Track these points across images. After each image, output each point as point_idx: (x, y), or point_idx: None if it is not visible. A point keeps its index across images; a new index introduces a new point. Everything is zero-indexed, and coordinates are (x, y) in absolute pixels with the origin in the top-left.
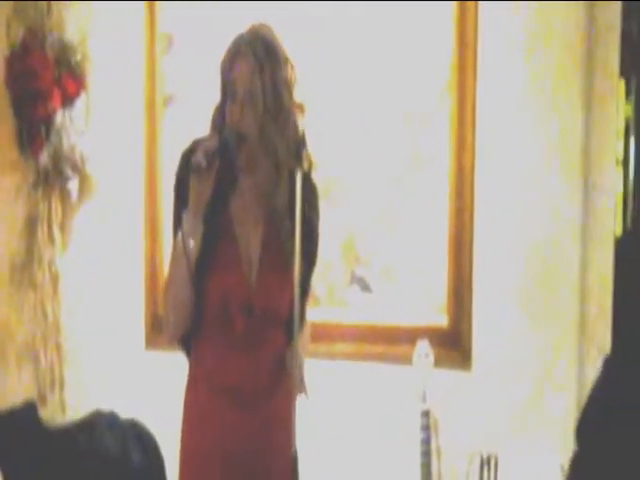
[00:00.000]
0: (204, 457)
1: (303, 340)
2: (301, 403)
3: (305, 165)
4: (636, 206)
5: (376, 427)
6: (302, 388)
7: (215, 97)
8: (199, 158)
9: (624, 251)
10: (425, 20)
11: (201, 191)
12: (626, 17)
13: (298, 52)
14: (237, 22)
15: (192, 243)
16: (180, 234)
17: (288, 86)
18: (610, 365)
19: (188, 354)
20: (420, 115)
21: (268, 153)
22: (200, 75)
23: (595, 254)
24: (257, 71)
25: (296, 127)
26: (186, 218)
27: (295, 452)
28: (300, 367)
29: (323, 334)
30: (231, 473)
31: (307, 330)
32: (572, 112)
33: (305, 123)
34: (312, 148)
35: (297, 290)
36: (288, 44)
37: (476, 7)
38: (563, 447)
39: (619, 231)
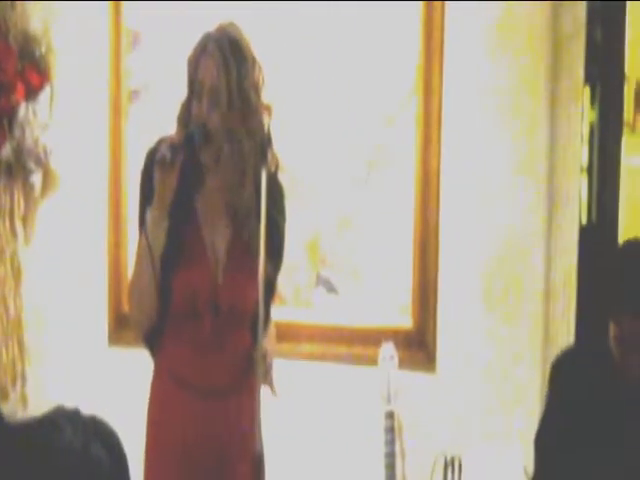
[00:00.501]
0: (167, 450)
1: (269, 339)
2: (265, 403)
3: (271, 165)
4: (599, 211)
5: (340, 428)
6: (271, 387)
7: (181, 93)
8: (164, 151)
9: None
10: (391, 20)
11: (166, 185)
12: (590, 23)
13: (264, 52)
14: (204, 19)
15: (156, 238)
16: (144, 229)
17: (255, 85)
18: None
19: (152, 352)
20: (386, 116)
21: (233, 151)
22: (165, 71)
23: (559, 258)
24: (222, 68)
25: (262, 127)
26: (150, 213)
27: (260, 452)
28: (269, 366)
29: (288, 334)
30: (192, 467)
31: (272, 330)
32: (537, 117)
33: (271, 124)
34: (278, 148)
35: (262, 289)
36: (254, 43)
37: (443, 9)
38: (526, 450)
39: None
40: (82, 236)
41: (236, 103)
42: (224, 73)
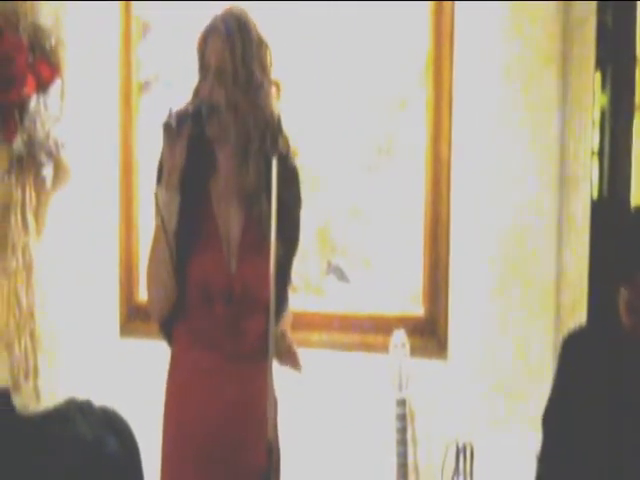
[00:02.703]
0: (184, 437)
1: (286, 325)
2: (278, 391)
3: (282, 148)
4: (610, 193)
5: (352, 416)
6: (296, 366)
7: (191, 84)
8: (169, 118)
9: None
10: (403, 6)
11: (173, 155)
12: (601, 9)
13: (275, 37)
14: (213, 8)
15: (169, 217)
16: (157, 207)
17: (261, 64)
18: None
19: (169, 340)
20: (396, 102)
21: (238, 127)
22: (176, 62)
23: (571, 244)
24: (228, 46)
25: (269, 105)
26: (160, 189)
27: (274, 437)
28: (289, 347)
29: (299, 323)
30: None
31: (289, 317)
32: (548, 101)
33: (281, 103)
34: (289, 134)
35: (273, 275)
36: (265, 28)
37: None
38: (538, 436)
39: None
40: (93, 228)
41: (241, 79)
42: (229, 51)
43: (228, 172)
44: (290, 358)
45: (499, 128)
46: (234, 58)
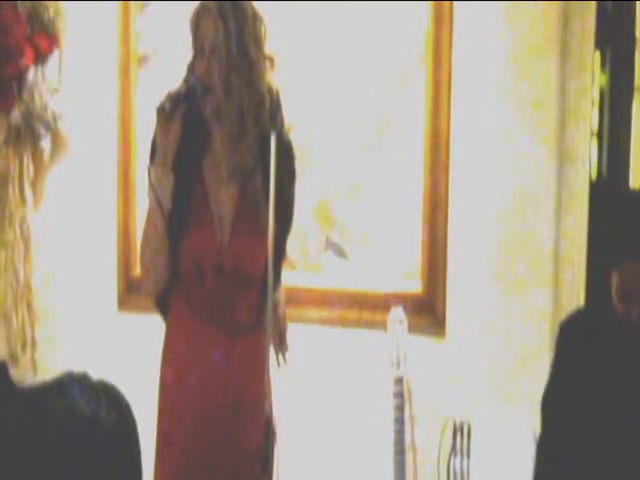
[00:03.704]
0: (180, 409)
1: (279, 303)
2: (274, 367)
3: (279, 125)
4: (609, 173)
5: (349, 393)
6: (282, 350)
7: (190, 57)
8: (163, 100)
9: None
10: None
11: (167, 136)
12: None
13: (272, 14)
14: None
15: (163, 194)
16: (151, 185)
17: (255, 39)
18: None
19: (164, 315)
20: (395, 80)
21: (233, 103)
22: (175, 35)
23: (570, 221)
24: (221, 24)
25: (265, 81)
26: (154, 167)
27: (270, 415)
28: (282, 330)
29: (297, 298)
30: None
31: (282, 294)
32: (548, 81)
33: (277, 79)
34: (287, 112)
35: (271, 251)
36: (263, 6)
37: None
38: (536, 415)
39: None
40: (91, 201)
41: (235, 55)
42: (223, 27)
43: (222, 149)
44: (280, 344)
45: (498, 106)
46: (228, 37)
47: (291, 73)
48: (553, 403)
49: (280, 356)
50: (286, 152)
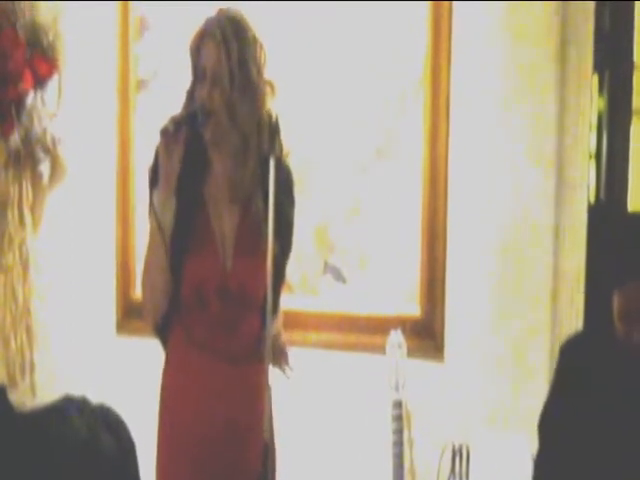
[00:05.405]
0: (179, 437)
1: (278, 325)
2: (274, 391)
3: (278, 150)
4: (607, 196)
5: (348, 417)
6: (283, 369)
7: (189, 81)
8: (166, 124)
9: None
10: (401, 7)
11: (170, 160)
12: (599, 10)
13: (272, 38)
14: (211, 6)
15: (164, 219)
16: (152, 211)
17: (256, 64)
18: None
19: (164, 343)
20: (394, 103)
21: (235, 128)
22: (174, 59)
23: (568, 245)
24: (223, 48)
25: (265, 106)
26: (157, 192)
27: (270, 438)
28: (282, 349)
29: (296, 322)
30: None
31: (280, 317)
32: (546, 104)
33: (277, 103)
34: (286, 135)
35: (270, 275)
36: (261, 29)
37: None
38: (535, 438)
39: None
40: (90, 225)
41: (237, 81)
42: (225, 52)
43: (223, 174)
44: (282, 359)
45: (496, 130)
46: (231, 62)
47: (289, 97)
48: (551, 423)
49: (284, 373)
50: (285, 177)
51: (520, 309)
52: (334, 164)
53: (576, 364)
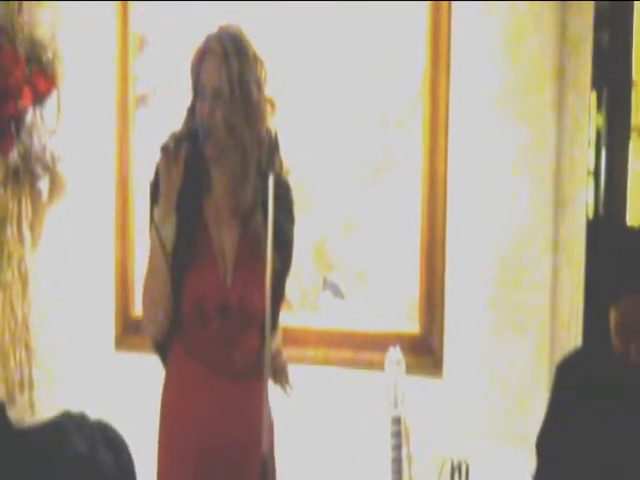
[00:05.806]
0: (179, 454)
1: (278, 344)
2: (272, 407)
3: (277, 168)
4: (606, 214)
5: (346, 433)
6: (284, 387)
7: (188, 97)
8: (167, 140)
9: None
10: (398, 22)
11: (170, 176)
12: (598, 28)
13: (271, 54)
14: (211, 23)
15: (165, 235)
16: (153, 227)
17: (257, 82)
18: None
19: (164, 359)
20: (393, 119)
21: (235, 145)
22: (173, 76)
23: (566, 262)
24: (224, 67)
25: (265, 123)
26: (157, 208)
27: (269, 454)
28: (282, 366)
29: (294, 339)
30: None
31: (280, 335)
32: (544, 121)
33: (276, 120)
34: (285, 151)
35: (269, 292)
36: (261, 46)
37: (449, 11)
38: (533, 454)
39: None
40: (89, 241)
41: (238, 98)
42: (225, 69)
43: (223, 190)
44: (282, 378)
45: (495, 146)
46: (231, 77)
47: (288, 112)
48: (549, 441)
49: (285, 392)
50: (285, 194)
51: (519, 325)
52: (332, 179)
53: (573, 382)
